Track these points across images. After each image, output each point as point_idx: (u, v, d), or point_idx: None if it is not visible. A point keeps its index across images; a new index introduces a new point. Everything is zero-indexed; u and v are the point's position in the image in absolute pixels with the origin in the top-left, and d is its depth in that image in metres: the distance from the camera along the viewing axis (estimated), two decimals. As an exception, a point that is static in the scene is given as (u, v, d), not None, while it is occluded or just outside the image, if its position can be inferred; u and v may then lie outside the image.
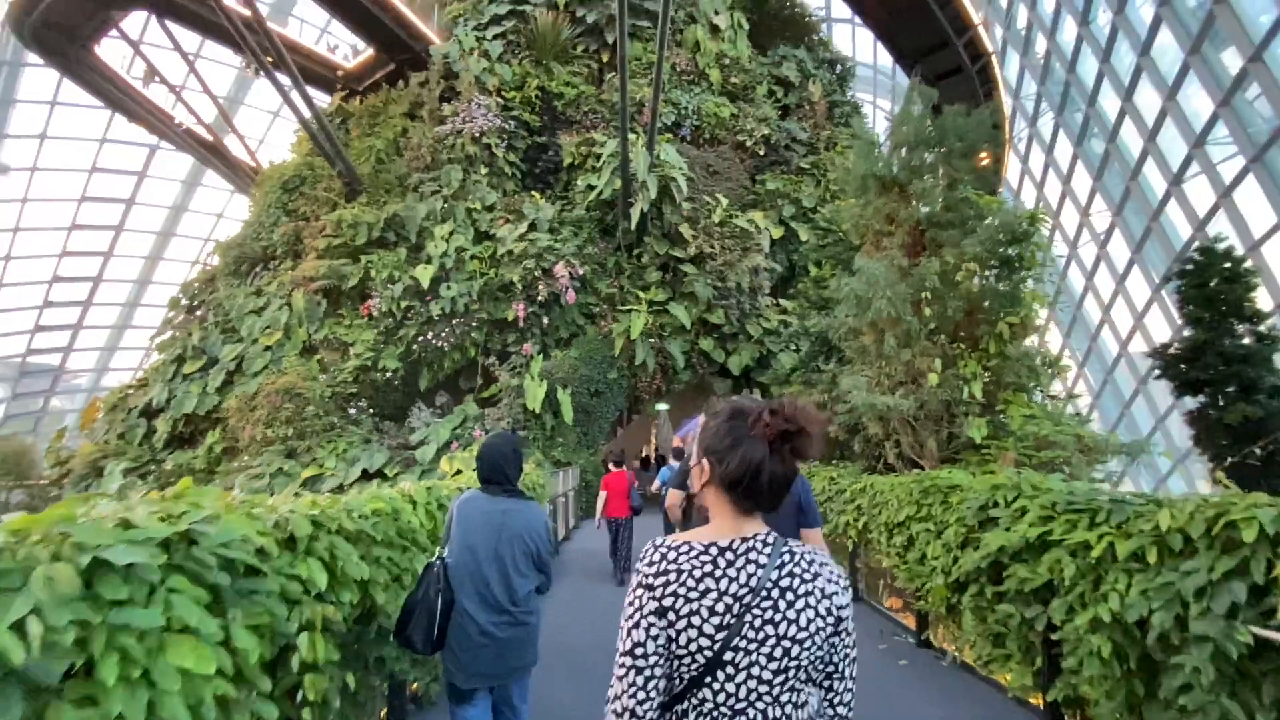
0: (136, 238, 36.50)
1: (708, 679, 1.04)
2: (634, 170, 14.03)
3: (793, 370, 13.27)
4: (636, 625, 1.05)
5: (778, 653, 1.03)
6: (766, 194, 17.61)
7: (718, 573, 1.06)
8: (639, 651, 1.03)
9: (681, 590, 1.05)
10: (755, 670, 1.03)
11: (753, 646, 1.03)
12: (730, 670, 1.03)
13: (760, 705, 1.04)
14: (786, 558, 1.09)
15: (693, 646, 1.03)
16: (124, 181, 33.04)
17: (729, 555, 1.07)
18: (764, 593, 1.05)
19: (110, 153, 30.92)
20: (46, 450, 16.55)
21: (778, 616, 1.04)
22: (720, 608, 1.03)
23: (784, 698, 1.05)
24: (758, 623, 1.04)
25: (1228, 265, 10.09)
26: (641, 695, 1.02)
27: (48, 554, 1.18)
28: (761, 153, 18.82)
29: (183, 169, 33.92)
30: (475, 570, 2.32)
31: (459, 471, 11.29)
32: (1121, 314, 19.62)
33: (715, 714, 1.04)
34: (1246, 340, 9.67)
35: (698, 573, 1.06)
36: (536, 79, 17.43)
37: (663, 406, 14.63)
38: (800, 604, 1.06)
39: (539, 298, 13.53)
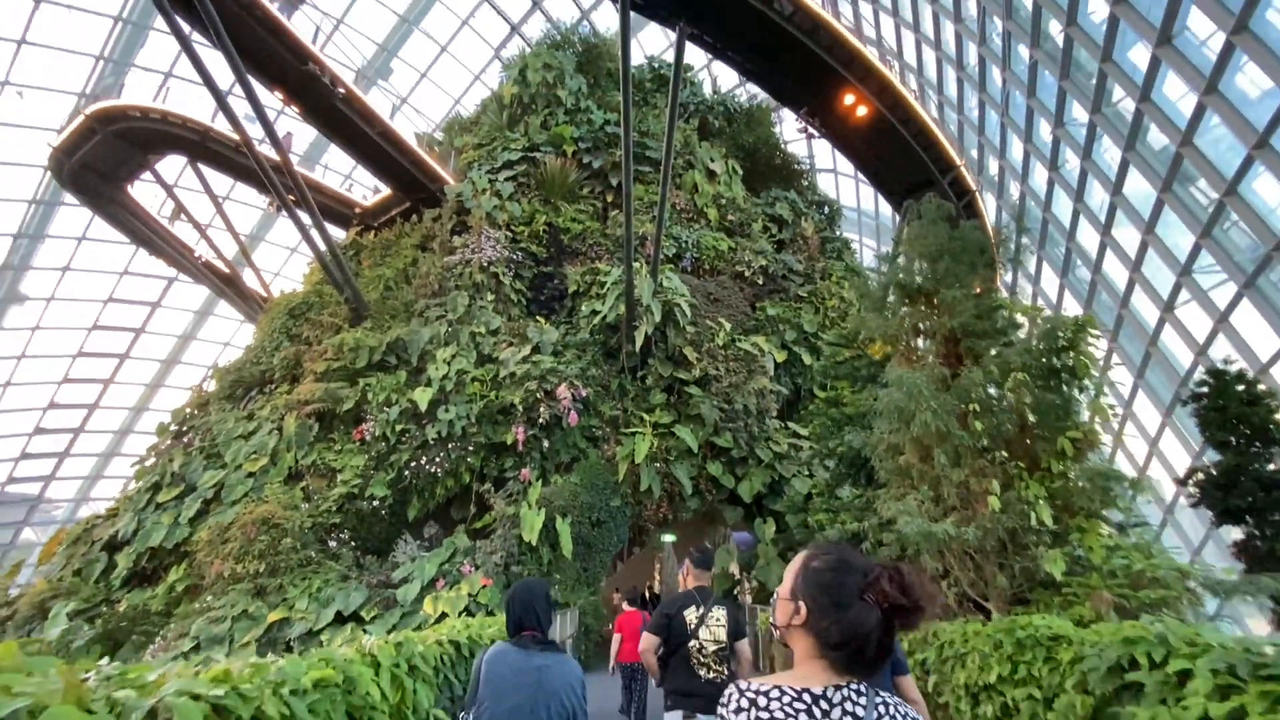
0: (140, 365, 36.73)
1: None
2: (638, 295, 14.22)
3: (808, 497, 12.48)
4: None
5: None
6: (768, 319, 17.83)
7: None
8: None
9: None
10: None
11: None
12: None
13: None
14: (882, 709, 1.06)
15: None
16: (137, 311, 33.87)
17: (824, 704, 1.04)
18: None
19: (127, 284, 32.01)
20: (-6, 589, 15.11)
21: None
22: None
23: None
24: None
25: (1242, 388, 9.96)
26: None
27: None
28: (760, 282, 19.39)
29: (196, 300, 34.97)
30: None
31: (444, 615, 10.12)
32: (1134, 441, 19.14)
33: None
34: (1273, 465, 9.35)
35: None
36: (544, 215, 18.34)
37: (669, 538, 13.60)
38: None
39: (540, 420, 13.06)
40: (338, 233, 23.01)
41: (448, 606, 10.28)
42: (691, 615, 3.38)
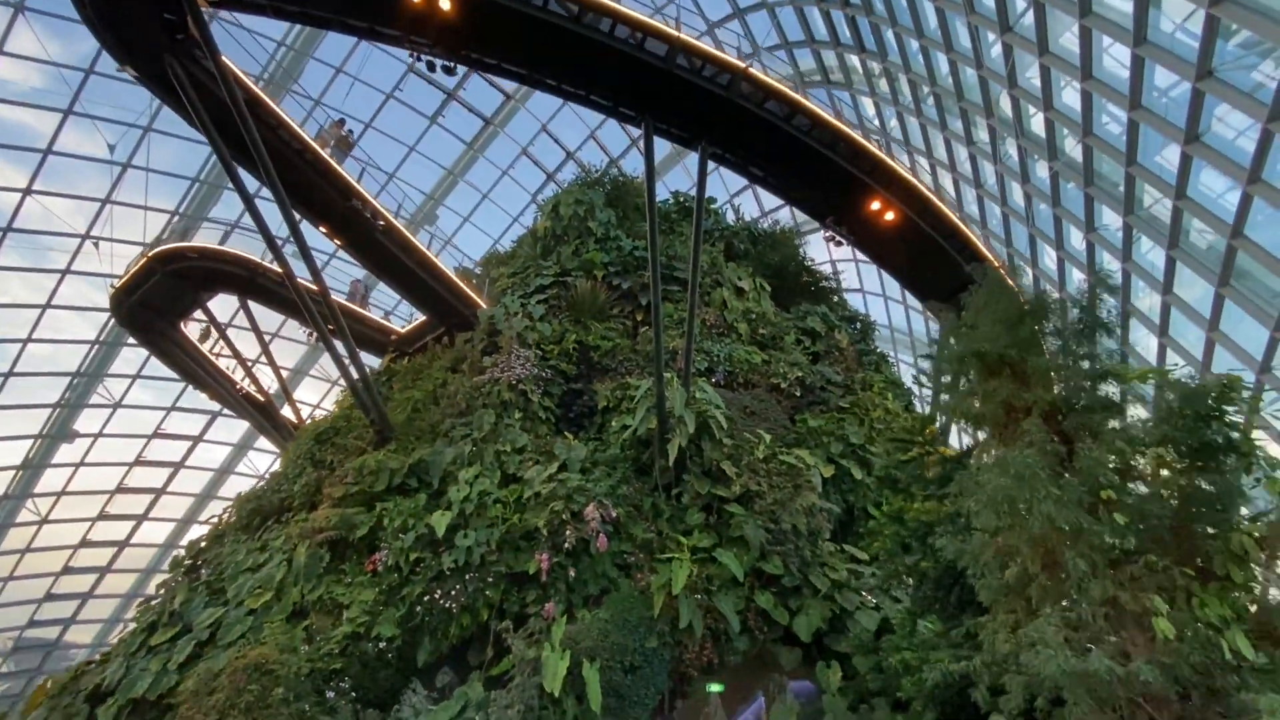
0: (176, 500, 36.71)
1: None
2: (670, 406, 13.50)
3: (879, 633, 10.65)
4: None
5: None
6: (810, 432, 16.73)
7: None
8: None
9: None
10: None
11: None
12: None
13: None
14: None
15: None
16: (178, 447, 34.45)
17: None
18: None
19: (172, 419, 32.91)
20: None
21: None
22: None
23: None
24: None
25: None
26: None
27: None
28: (798, 394, 18.55)
29: (236, 433, 35.58)
30: None
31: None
32: None
33: None
34: None
35: None
36: (574, 334, 18.30)
37: (715, 688, 11.61)
38: None
39: (566, 545, 11.86)
40: (373, 361, 23.48)
41: (453, 777, 8.59)
42: None
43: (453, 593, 11.48)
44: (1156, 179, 15.07)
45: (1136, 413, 4.38)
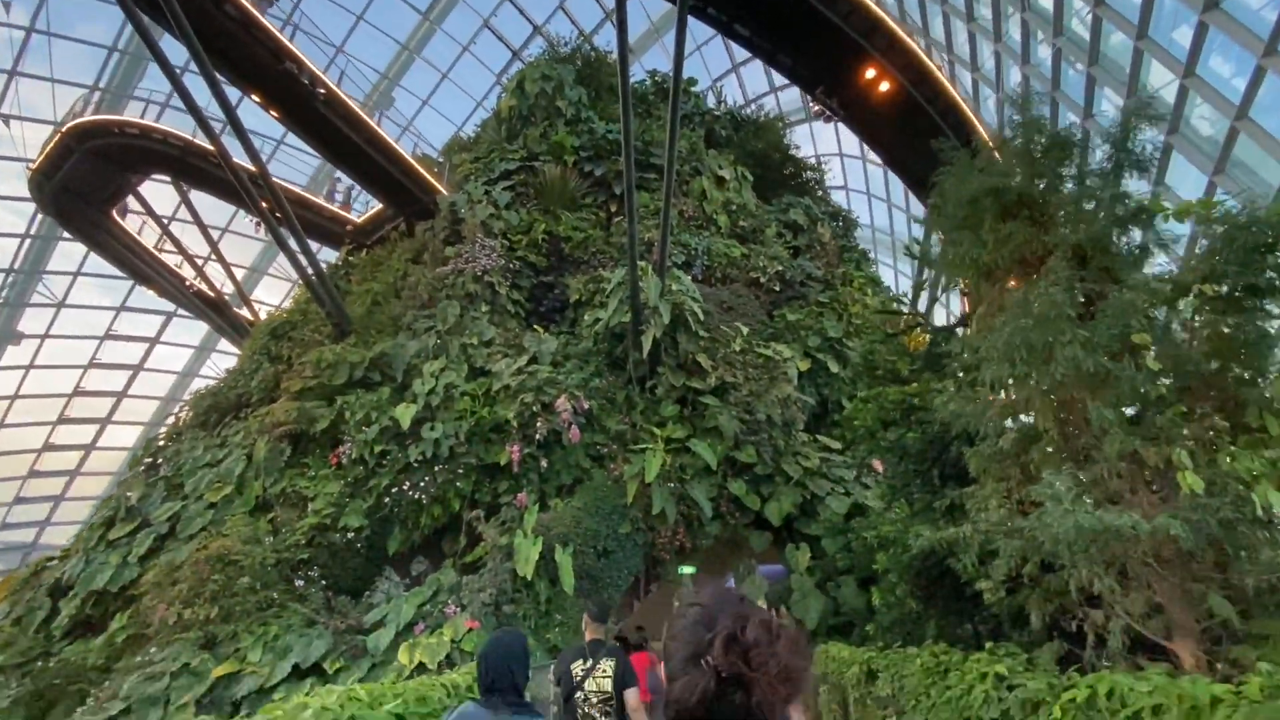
0: (140, 404, 35.81)
1: None
2: (644, 298, 12.86)
3: (849, 516, 10.80)
4: None
5: None
6: (787, 326, 16.36)
7: None
8: None
9: None
10: None
11: None
12: None
13: None
14: None
15: None
16: (134, 349, 33.10)
17: None
18: None
19: (124, 320, 31.32)
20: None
21: None
22: None
23: None
24: None
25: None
26: None
27: None
28: (777, 289, 18.00)
29: (196, 335, 34.19)
30: None
31: (421, 666, 8.50)
32: None
33: None
34: None
35: None
36: (544, 224, 17.20)
37: (687, 569, 11.88)
38: None
39: (537, 437, 11.57)
40: (330, 255, 22.10)
41: (426, 656, 8.64)
42: (578, 668, 3.61)
43: (422, 484, 11.23)
44: (1166, 54, 14.05)
45: (1167, 260, 3.88)
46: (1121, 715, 2.65)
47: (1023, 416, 3.52)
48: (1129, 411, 3.17)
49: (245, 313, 23.89)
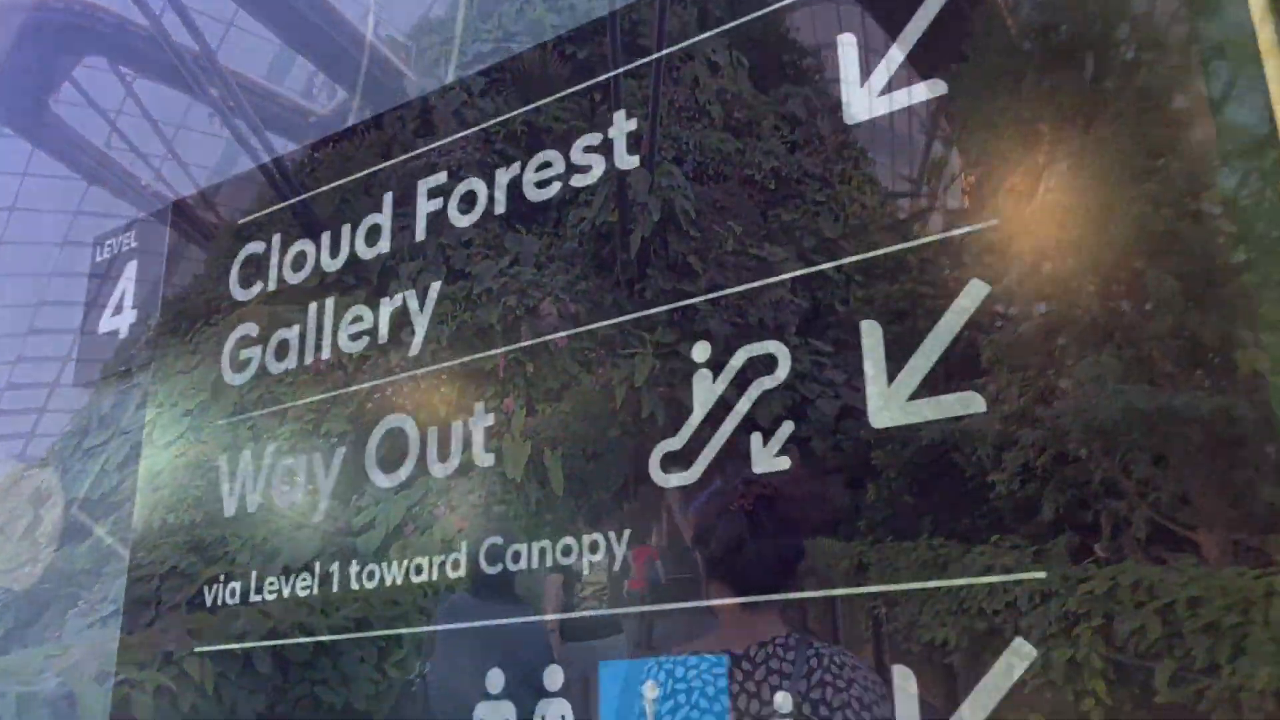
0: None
1: None
2: (632, 195, 12.14)
3: (840, 418, 10.77)
4: None
5: None
6: (782, 226, 15.77)
7: (735, 688, 0.92)
8: None
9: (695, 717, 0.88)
10: None
11: None
12: None
13: None
14: (814, 662, 0.98)
15: None
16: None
17: (746, 664, 0.96)
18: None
19: (85, 225, 29.93)
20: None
21: None
22: None
23: None
24: None
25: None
26: None
27: None
28: (772, 187, 17.15)
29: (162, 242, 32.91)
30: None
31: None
32: None
33: None
34: None
35: (710, 690, 0.92)
36: (522, 114, 16.03)
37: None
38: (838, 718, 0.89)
39: (522, 341, 11.26)
40: (294, 149, 20.74)
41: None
42: None
43: (405, 390, 11.02)
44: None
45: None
46: (1150, 608, 2.47)
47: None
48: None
49: (210, 216, 22.77)
